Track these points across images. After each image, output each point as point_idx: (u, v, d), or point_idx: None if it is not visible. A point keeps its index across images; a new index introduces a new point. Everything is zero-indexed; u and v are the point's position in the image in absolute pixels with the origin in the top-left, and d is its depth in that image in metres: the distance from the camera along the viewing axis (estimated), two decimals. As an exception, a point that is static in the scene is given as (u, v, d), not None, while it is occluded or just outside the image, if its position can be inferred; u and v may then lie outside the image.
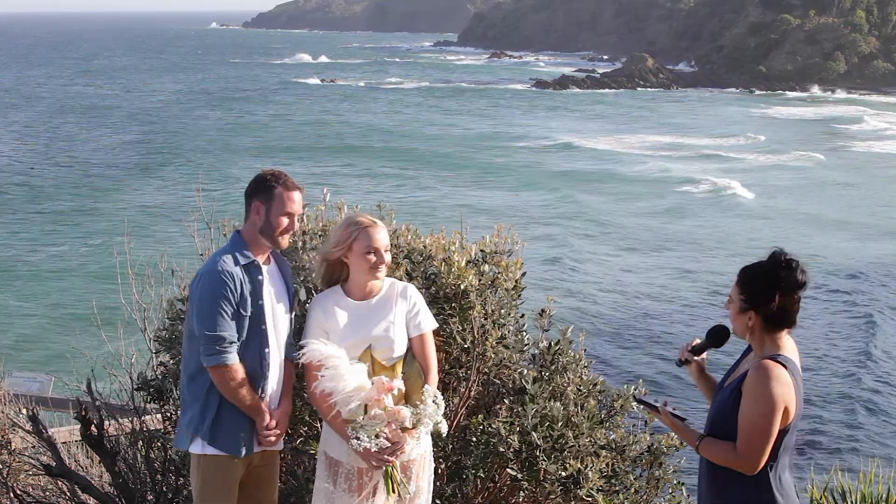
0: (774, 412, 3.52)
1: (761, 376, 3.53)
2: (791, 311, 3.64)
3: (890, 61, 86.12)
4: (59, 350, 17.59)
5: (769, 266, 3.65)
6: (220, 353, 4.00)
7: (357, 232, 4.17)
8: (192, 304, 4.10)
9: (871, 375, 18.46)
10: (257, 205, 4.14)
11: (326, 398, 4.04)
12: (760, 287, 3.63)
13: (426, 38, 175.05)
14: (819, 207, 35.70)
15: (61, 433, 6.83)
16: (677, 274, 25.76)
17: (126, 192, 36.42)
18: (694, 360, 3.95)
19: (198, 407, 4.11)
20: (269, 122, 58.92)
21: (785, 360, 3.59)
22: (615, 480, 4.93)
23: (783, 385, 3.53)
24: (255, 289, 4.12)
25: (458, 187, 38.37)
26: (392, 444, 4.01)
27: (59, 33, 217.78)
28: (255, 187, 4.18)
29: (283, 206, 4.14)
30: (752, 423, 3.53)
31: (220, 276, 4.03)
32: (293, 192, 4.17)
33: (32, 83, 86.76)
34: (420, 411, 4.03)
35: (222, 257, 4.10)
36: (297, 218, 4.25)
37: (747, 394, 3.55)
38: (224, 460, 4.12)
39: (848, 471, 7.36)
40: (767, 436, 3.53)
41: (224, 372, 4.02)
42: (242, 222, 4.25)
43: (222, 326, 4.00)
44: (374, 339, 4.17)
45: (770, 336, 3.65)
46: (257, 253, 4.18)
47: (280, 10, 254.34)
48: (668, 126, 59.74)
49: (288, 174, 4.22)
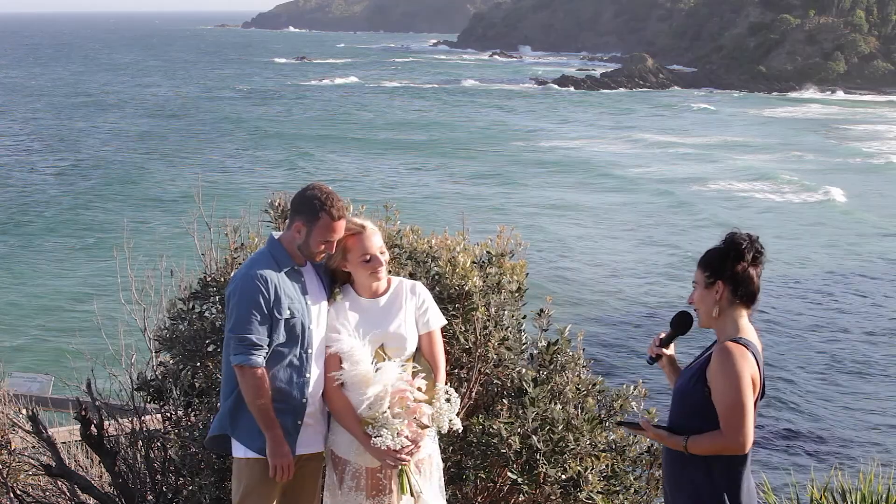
0: (746, 386, 3.62)
1: (724, 357, 3.64)
2: (753, 282, 3.75)
3: (890, 61, 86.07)
4: (59, 350, 17.59)
5: (728, 241, 3.78)
6: (246, 354, 4.05)
7: (347, 242, 4.20)
8: (228, 303, 4.17)
9: (872, 375, 18.47)
10: (299, 225, 4.15)
11: (341, 392, 4.07)
12: (722, 259, 3.75)
13: (426, 38, 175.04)
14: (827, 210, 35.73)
15: (61, 433, 6.83)
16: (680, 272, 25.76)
17: (126, 192, 36.41)
18: (664, 354, 4.01)
19: (232, 402, 4.15)
20: (268, 122, 58.90)
21: (745, 342, 3.70)
22: (615, 481, 4.94)
23: (746, 361, 3.65)
24: (297, 291, 4.17)
25: (458, 186, 38.37)
26: (412, 441, 4.03)
27: (59, 33, 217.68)
28: (301, 206, 4.15)
29: (324, 235, 4.13)
30: (730, 402, 3.61)
31: (254, 280, 4.08)
32: (337, 222, 4.13)
33: (39, 80, 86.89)
34: (439, 408, 4.06)
35: (258, 261, 4.16)
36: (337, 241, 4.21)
37: (716, 377, 3.65)
38: (267, 464, 4.12)
39: (848, 471, 7.36)
40: (746, 410, 3.61)
41: (247, 372, 4.06)
42: (284, 229, 4.29)
43: (251, 329, 4.05)
44: (387, 337, 4.20)
45: (733, 315, 3.74)
46: (297, 259, 4.23)
47: (280, 10, 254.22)
48: (669, 126, 59.72)
49: (336, 196, 4.15)
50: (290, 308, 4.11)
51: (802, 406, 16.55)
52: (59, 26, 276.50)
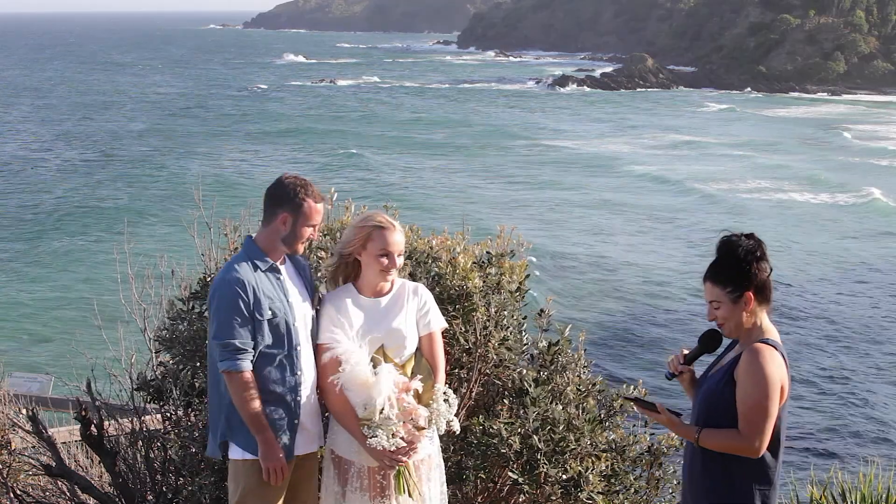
0: (773, 391, 3.57)
1: (755, 358, 3.59)
2: (769, 279, 3.70)
3: (890, 61, 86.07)
4: (59, 350, 17.60)
5: (727, 248, 3.68)
6: (232, 359, 4.03)
7: (373, 231, 4.18)
8: (210, 312, 4.17)
9: (872, 374, 18.47)
10: (285, 216, 4.15)
11: (340, 393, 4.05)
12: (736, 266, 3.65)
13: (426, 38, 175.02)
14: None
15: (61, 433, 6.82)
16: (683, 272, 25.77)
17: (126, 191, 36.40)
18: (688, 370, 3.92)
19: (228, 407, 4.13)
20: (268, 122, 58.89)
21: (774, 343, 3.65)
22: (615, 481, 4.94)
23: (777, 366, 3.60)
24: (278, 290, 4.15)
25: (459, 186, 38.37)
26: (407, 443, 4.02)
27: (60, 33, 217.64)
28: (282, 197, 4.17)
29: (310, 219, 4.17)
30: (753, 403, 3.56)
31: (231, 285, 4.06)
32: (319, 203, 4.20)
33: (43, 79, 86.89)
34: (434, 410, 4.05)
35: (235, 265, 4.13)
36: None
37: (744, 377, 3.58)
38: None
39: (848, 471, 7.36)
40: (769, 415, 3.57)
41: (235, 377, 4.04)
42: (261, 226, 4.25)
43: (234, 334, 4.03)
44: (388, 337, 4.18)
45: (759, 317, 3.68)
46: (275, 258, 4.21)
47: (280, 10, 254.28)
48: (669, 126, 59.71)
49: (311, 182, 4.21)
50: (272, 308, 4.09)
51: (802, 405, 16.55)
52: (60, 26, 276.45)
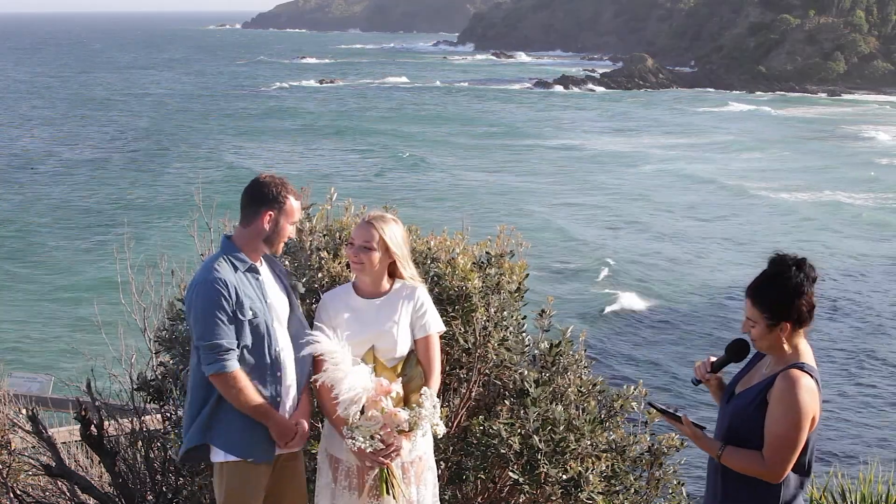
0: (804, 422, 3.49)
1: (791, 387, 3.49)
2: (812, 307, 3.58)
3: (890, 61, 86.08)
4: (59, 350, 17.60)
5: (778, 273, 3.56)
6: (219, 361, 3.98)
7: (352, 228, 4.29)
8: (189, 314, 4.10)
9: (872, 374, 18.47)
10: (269, 214, 4.13)
11: (328, 392, 4.04)
12: (780, 297, 3.55)
13: (426, 38, 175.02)
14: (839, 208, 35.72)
15: (61, 433, 6.82)
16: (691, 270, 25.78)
17: (126, 191, 36.41)
18: (715, 378, 3.85)
19: (207, 411, 4.09)
20: (268, 121, 58.92)
21: (810, 369, 3.56)
22: (615, 481, 4.93)
23: (811, 395, 3.51)
24: (257, 291, 4.11)
25: (459, 185, 38.38)
26: (386, 446, 4.00)
27: (60, 33, 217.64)
28: (264, 196, 4.14)
29: (292, 216, 4.17)
30: (782, 432, 3.49)
31: (213, 284, 3.99)
32: (299, 201, 4.22)
33: (43, 79, 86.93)
34: (416, 413, 4.01)
35: (215, 265, 4.07)
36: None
37: (776, 403, 3.51)
38: (246, 467, 4.08)
39: (848, 471, 7.36)
40: (796, 445, 3.50)
41: (225, 379, 4.00)
42: (239, 226, 4.21)
43: (219, 335, 3.97)
44: (377, 339, 4.17)
45: (794, 340, 3.59)
46: (253, 258, 4.17)
47: (280, 10, 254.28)
48: (669, 126, 59.73)
49: (287, 179, 4.22)
50: (252, 308, 4.04)
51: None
52: (60, 26, 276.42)
